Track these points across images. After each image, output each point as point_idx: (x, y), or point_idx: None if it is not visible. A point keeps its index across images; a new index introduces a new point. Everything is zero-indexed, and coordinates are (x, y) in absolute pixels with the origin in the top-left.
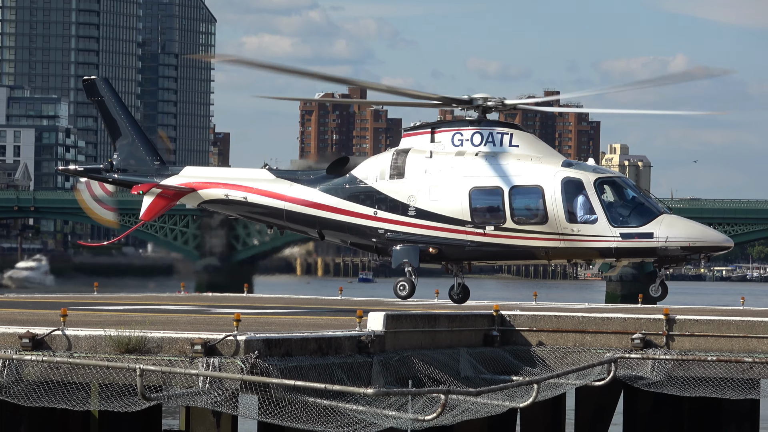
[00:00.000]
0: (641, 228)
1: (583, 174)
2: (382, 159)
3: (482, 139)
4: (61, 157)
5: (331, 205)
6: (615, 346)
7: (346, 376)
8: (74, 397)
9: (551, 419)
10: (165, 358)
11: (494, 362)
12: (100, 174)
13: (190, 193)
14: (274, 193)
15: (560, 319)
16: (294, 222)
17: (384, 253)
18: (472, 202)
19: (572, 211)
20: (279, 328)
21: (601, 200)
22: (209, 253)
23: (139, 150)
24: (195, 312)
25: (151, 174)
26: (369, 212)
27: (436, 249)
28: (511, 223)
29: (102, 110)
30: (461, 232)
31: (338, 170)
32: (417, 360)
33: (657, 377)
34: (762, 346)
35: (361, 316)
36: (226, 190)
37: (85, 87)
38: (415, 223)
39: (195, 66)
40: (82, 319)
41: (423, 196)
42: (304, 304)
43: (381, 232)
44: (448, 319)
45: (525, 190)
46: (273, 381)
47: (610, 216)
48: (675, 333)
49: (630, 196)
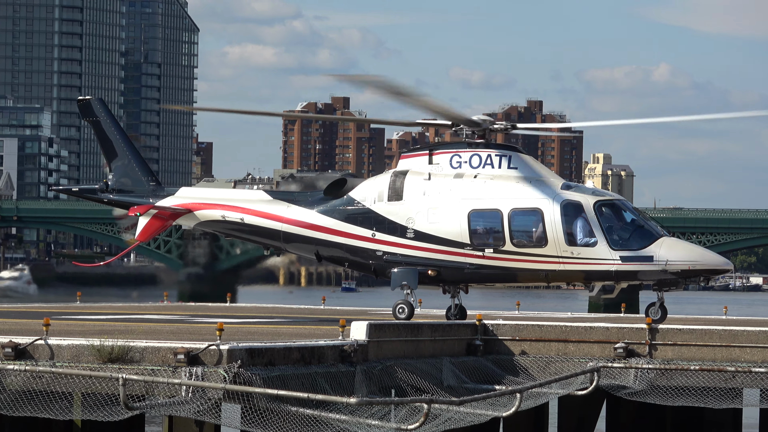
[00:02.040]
0: (641, 251)
1: (582, 197)
2: (380, 181)
3: (481, 161)
4: (44, 166)
5: (328, 227)
6: (598, 355)
7: (329, 386)
8: (57, 406)
9: (534, 428)
10: (148, 368)
11: (477, 371)
12: (95, 194)
13: (186, 214)
14: (272, 214)
15: (543, 328)
16: (291, 243)
17: (382, 274)
18: (471, 225)
19: (572, 234)
20: (262, 338)
21: (601, 223)
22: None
23: (134, 170)
24: (178, 321)
25: (147, 194)
26: (367, 234)
27: (435, 271)
28: (510, 245)
29: (97, 130)
30: (460, 254)
31: (336, 192)
32: (400, 369)
33: (640, 386)
34: (744, 355)
35: (344, 325)
36: (223, 211)
37: (80, 107)
38: (413, 245)
39: (178, 76)
40: (64, 329)
41: (421, 219)
42: (287, 314)
43: (379, 254)
44: (431, 328)
45: (524, 213)
46: (256, 390)
47: (610, 239)
48: (658, 342)
49: (629, 218)
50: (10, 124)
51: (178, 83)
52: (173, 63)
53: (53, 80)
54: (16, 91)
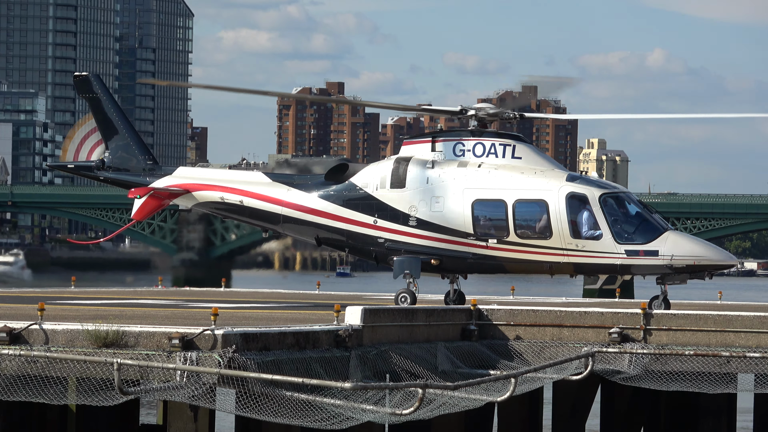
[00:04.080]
0: (646, 245)
1: (588, 189)
2: (382, 167)
3: (484, 150)
4: (38, 151)
5: (329, 212)
6: (592, 340)
7: (324, 371)
8: (51, 391)
9: (528, 413)
10: (142, 353)
11: (472, 356)
12: (91, 171)
13: (184, 195)
14: (271, 197)
15: (538, 313)
16: (291, 227)
17: (383, 261)
18: (475, 214)
19: (577, 226)
20: (256, 323)
21: (606, 216)
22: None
23: (131, 149)
24: (172, 306)
25: (144, 173)
26: (369, 221)
27: (437, 260)
28: (514, 236)
29: (94, 107)
30: (463, 244)
31: (337, 177)
32: (394, 354)
33: (634, 371)
34: (739, 340)
35: (338, 310)
36: (222, 192)
37: (77, 83)
38: (415, 233)
39: (173, 61)
40: (59, 314)
41: (424, 207)
42: (282, 299)
43: (380, 241)
44: (426, 313)
45: (529, 204)
46: (250, 375)
47: (615, 232)
48: (652, 327)
49: (634, 211)
50: (4, 108)
51: (173, 68)
52: (168, 48)
53: (48, 65)
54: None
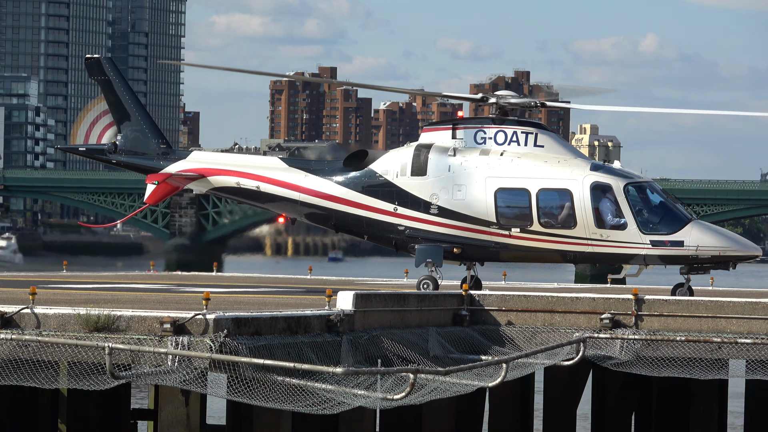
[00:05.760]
0: (671, 236)
1: (612, 179)
2: (403, 154)
3: (506, 138)
4: (30, 135)
5: (349, 199)
6: (584, 326)
7: (315, 355)
8: (43, 375)
9: (520, 399)
10: (134, 337)
11: (463, 342)
12: (103, 155)
13: (199, 179)
14: (288, 183)
15: (529, 298)
16: (308, 214)
17: (403, 248)
18: (498, 203)
19: (601, 216)
20: (248, 307)
21: (631, 206)
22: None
23: (144, 132)
24: (164, 291)
25: (157, 157)
26: (389, 208)
27: (459, 249)
28: (537, 225)
29: (106, 90)
30: (485, 233)
31: (356, 163)
32: (386, 339)
33: (626, 357)
34: (730, 326)
35: (330, 295)
36: (238, 178)
37: (88, 66)
38: (437, 221)
39: (165, 45)
40: (51, 298)
41: (446, 195)
42: (274, 284)
43: (401, 228)
44: (418, 298)
45: (553, 193)
46: (242, 360)
47: (640, 222)
48: (644, 313)
49: (659, 201)
50: None
51: (166, 53)
52: (160, 32)
53: (40, 49)
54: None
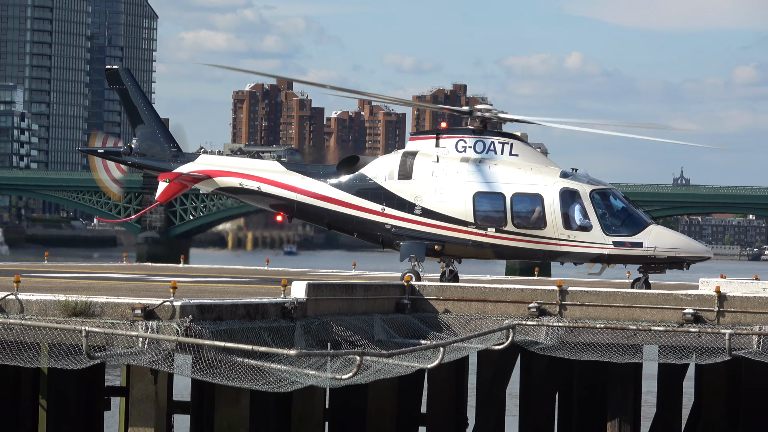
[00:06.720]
0: (632, 237)
1: (579, 185)
2: (391, 160)
3: (484, 147)
4: (16, 139)
5: (340, 200)
6: (513, 314)
7: (271, 339)
8: (26, 355)
9: (455, 379)
10: (108, 321)
11: (405, 327)
12: (119, 157)
13: (205, 180)
14: (287, 185)
15: (464, 289)
16: (304, 213)
17: (389, 245)
18: (476, 205)
19: (569, 218)
20: (211, 295)
21: (596, 210)
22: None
23: (157, 136)
24: (136, 280)
25: (168, 159)
26: (377, 208)
27: (440, 246)
28: (511, 226)
29: (123, 98)
30: (464, 231)
31: (348, 168)
32: (335, 325)
33: (551, 342)
34: (644, 315)
35: (285, 285)
36: (241, 179)
37: (108, 76)
38: (420, 221)
39: (138, 58)
40: (33, 285)
41: (429, 197)
42: (235, 274)
43: (387, 227)
44: (364, 288)
45: (525, 197)
46: (205, 342)
47: (604, 225)
48: (567, 303)
49: (621, 206)
50: None
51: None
52: (134, 46)
53: (26, 61)
54: None
